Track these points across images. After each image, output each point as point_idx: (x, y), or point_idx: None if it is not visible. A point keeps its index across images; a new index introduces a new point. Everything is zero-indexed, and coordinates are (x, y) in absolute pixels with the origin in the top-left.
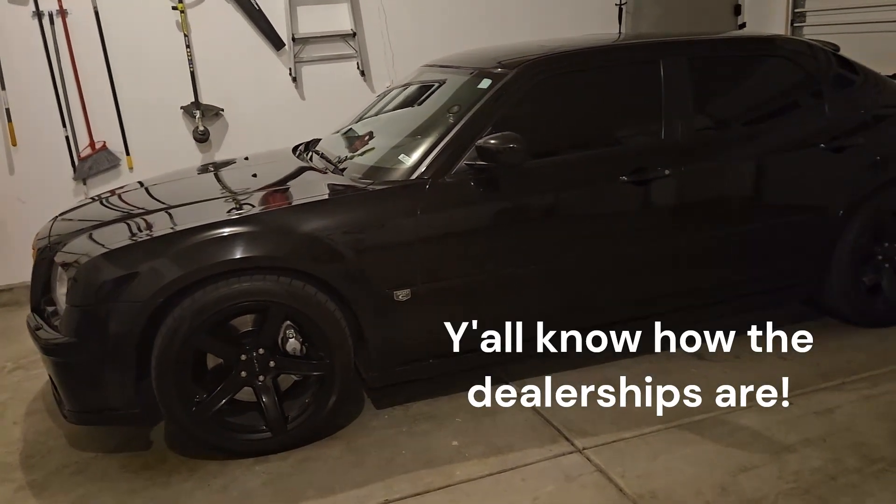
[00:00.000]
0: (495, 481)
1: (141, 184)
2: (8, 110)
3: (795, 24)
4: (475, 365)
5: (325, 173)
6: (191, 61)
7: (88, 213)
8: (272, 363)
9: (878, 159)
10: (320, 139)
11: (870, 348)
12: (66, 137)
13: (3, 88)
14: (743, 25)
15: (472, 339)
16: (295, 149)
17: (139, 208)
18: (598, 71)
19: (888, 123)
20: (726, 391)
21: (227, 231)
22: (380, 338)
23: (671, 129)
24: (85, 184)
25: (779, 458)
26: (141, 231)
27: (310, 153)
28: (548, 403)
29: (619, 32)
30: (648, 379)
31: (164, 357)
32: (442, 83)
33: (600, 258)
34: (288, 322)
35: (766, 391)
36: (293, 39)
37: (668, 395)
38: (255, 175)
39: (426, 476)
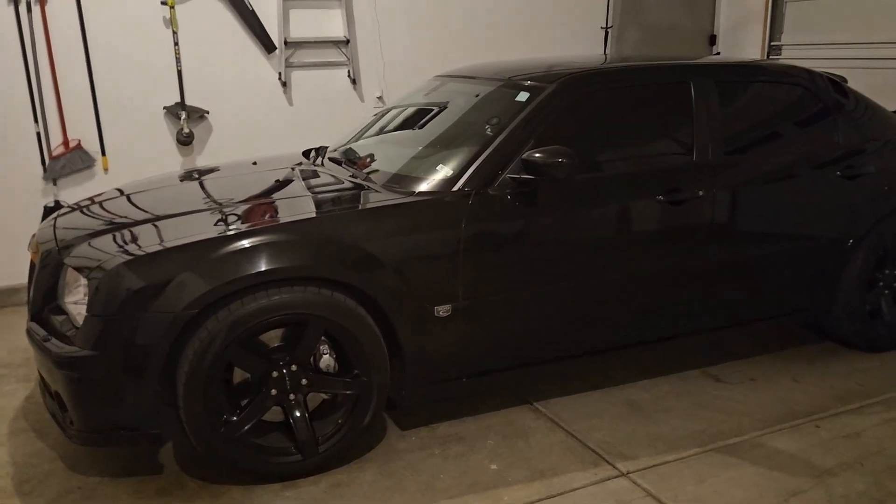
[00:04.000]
0: None
1: (120, 191)
2: None
3: (771, 57)
4: (508, 384)
5: (355, 181)
6: (178, 60)
7: (91, 219)
8: (305, 381)
9: (885, 188)
10: (327, 147)
11: (875, 372)
12: (38, 134)
13: None
14: (717, 55)
15: (510, 357)
16: (306, 154)
17: (163, 212)
18: (634, 89)
19: (891, 153)
20: (752, 413)
21: (266, 239)
22: (416, 355)
23: (702, 150)
24: (55, 184)
25: (823, 482)
26: (171, 236)
27: (323, 159)
28: (577, 425)
29: (605, 54)
30: (672, 401)
31: (195, 372)
32: (464, 94)
33: (637, 275)
34: (322, 337)
35: (791, 414)
36: (285, 43)
37: (695, 417)
38: (278, 181)
39: (473, 502)
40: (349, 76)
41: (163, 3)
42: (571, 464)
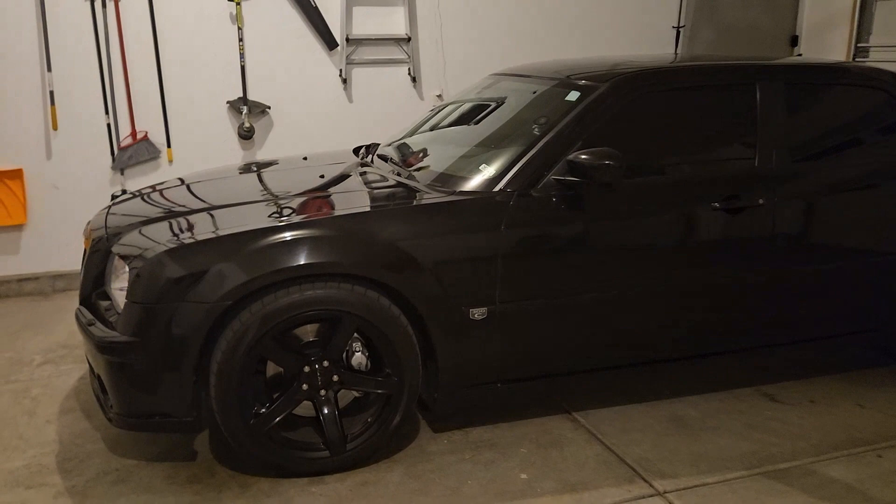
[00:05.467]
0: None
1: (182, 181)
2: (52, 93)
3: (857, 60)
4: (539, 392)
5: (398, 178)
6: (242, 56)
7: (147, 206)
8: (336, 377)
9: None
10: (378, 144)
11: None
12: (108, 125)
13: (49, 70)
14: (798, 57)
15: (546, 364)
16: (356, 151)
17: (211, 204)
18: (692, 90)
19: None
20: (808, 437)
21: (302, 233)
22: (449, 358)
23: (765, 156)
24: (123, 174)
25: None
26: (211, 228)
27: (371, 157)
28: (617, 438)
29: (675, 54)
30: (721, 419)
31: (227, 363)
32: (517, 93)
33: (686, 286)
34: (355, 335)
35: (851, 441)
36: (347, 40)
37: (745, 438)
38: (322, 176)
39: None
40: (409, 74)
41: (229, 0)
42: (605, 479)
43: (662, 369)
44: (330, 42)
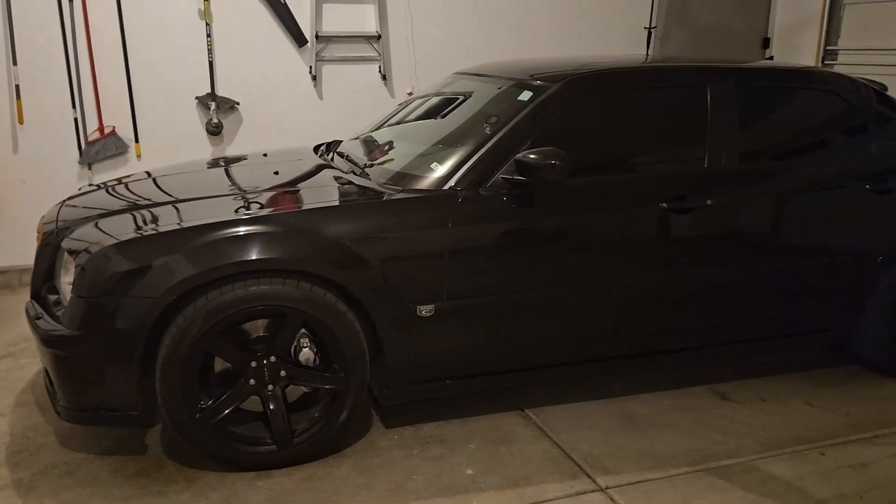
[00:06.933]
0: None
1: (149, 174)
2: (18, 87)
3: (826, 62)
4: (494, 388)
5: (351, 176)
6: (210, 51)
7: (98, 200)
8: (283, 372)
9: None
10: (341, 141)
11: None
12: (75, 119)
13: (15, 64)
14: (770, 59)
15: (494, 361)
16: (316, 148)
17: (152, 199)
18: (643, 91)
19: None
20: (754, 435)
21: (247, 230)
22: (398, 354)
23: (715, 157)
24: (90, 168)
25: None
26: (153, 224)
27: (331, 154)
28: (566, 435)
29: (647, 55)
30: (671, 416)
31: (172, 357)
32: (476, 92)
33: (633, 285)
34: (303, 330)
35: (797, 439)
36: (317, 37)
37: (692, 435)
38: (276, 173)
39: None
40: (380, 71)
41: None
42: (549, 474)
43: (616, 366)
44: (300, 39)
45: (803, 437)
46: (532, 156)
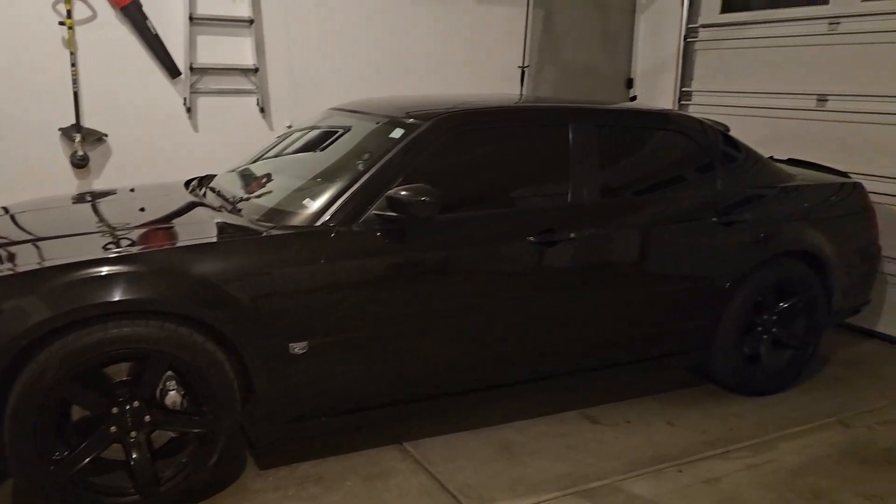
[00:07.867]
0: None
1: (6, 210)
2: None
3: (682, 102)
4: (370, 424)
5: (221, 212)
6: (75, 81)
7: None
8: (148, 417)
9: (761, 235)
10: (215, 175)
11: (750, 416)
12: None
13: None
14: (634, 98)
15: (370, 396)
16: (187, 183)
17: (9, 237)
18: (511, 129)
19: (770, 201)
20: (620, 457)
21: (106, 270)
22: (270, 392)
23: (578, 192)
24: None
25: None
26: (9, 263)
27: (203, 189)
28: (443, 466)
29: (521, 94)
30: (545, 442)
31: (23, 407)
32: (350, 128)
33: (503, 317)
34: (170, 372)
35: (658, 458)
36: (191, 69)
37: (563, 459)
38: (142, 209)
39: None
40: (258, 104)
41: (61, 24)
42: None
43: (491, 396)
44: (172, 70)
45: (663, 455)
46: (403, 192)
